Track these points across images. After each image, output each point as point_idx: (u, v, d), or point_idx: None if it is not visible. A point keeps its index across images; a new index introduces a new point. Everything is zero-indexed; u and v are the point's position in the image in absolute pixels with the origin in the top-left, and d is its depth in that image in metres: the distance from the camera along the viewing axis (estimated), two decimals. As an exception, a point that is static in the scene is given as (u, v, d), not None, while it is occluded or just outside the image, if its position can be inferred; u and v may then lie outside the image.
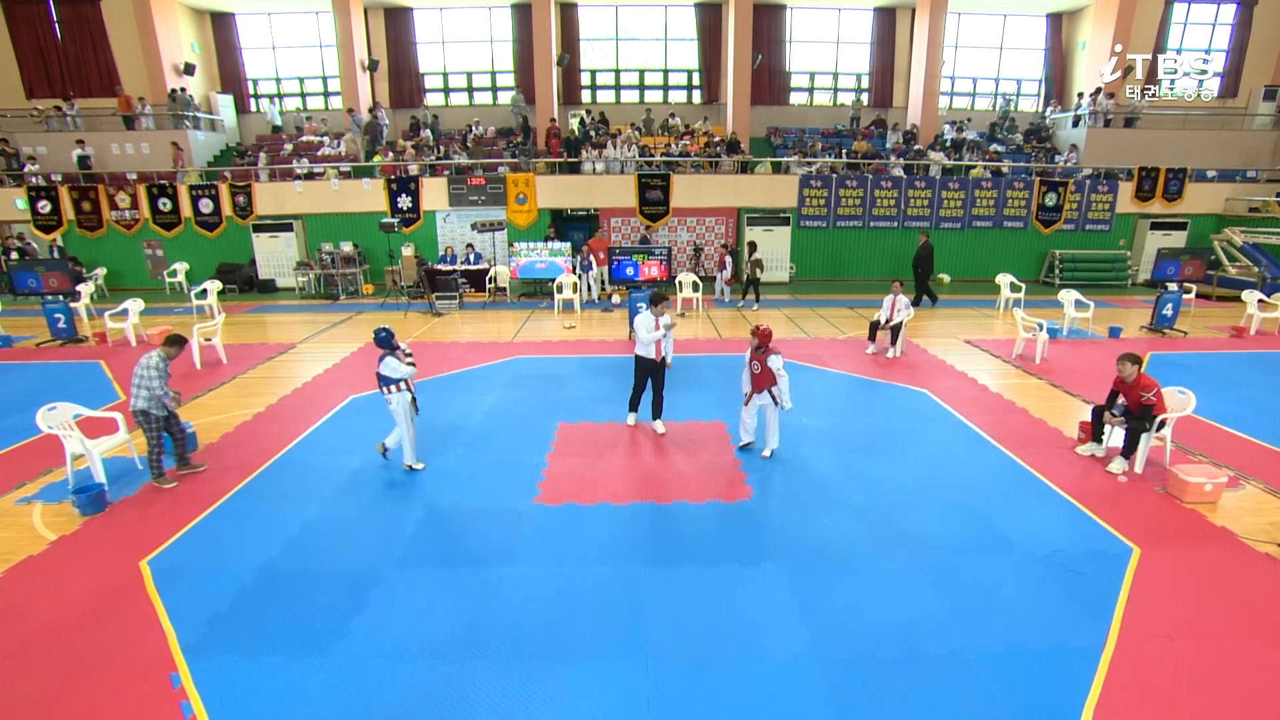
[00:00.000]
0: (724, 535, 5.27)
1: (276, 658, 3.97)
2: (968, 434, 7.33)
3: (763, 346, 6.42)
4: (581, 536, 5.22)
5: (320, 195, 17.43)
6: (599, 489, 6.00)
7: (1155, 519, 5.55)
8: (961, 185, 17.70)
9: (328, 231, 17.48)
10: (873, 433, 7.31)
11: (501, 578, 4.67)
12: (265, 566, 4.88)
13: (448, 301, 14.97)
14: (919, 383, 9.03)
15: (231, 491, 6.07)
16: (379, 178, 17.40)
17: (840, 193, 17.67)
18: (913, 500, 5.81)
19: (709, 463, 6.59)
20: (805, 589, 4.59)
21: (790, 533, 5.31)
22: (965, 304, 15.11)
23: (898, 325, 10.41)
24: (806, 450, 6.87)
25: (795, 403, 7.96)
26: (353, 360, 10.41)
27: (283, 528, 5.39)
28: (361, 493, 5.96)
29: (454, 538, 5.21)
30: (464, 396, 8.43)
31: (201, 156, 19.10)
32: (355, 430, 7.39)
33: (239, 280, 17.20)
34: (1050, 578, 4.75)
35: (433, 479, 6.21)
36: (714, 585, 4.63)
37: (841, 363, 10.01)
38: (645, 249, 15.81)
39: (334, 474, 6.32)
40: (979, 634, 4.17)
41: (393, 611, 4.37)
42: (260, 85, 21.66)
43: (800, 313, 14.02)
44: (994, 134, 20.24)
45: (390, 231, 14.81)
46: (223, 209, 17.49)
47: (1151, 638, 4.15)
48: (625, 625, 4.22)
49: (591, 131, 19.50)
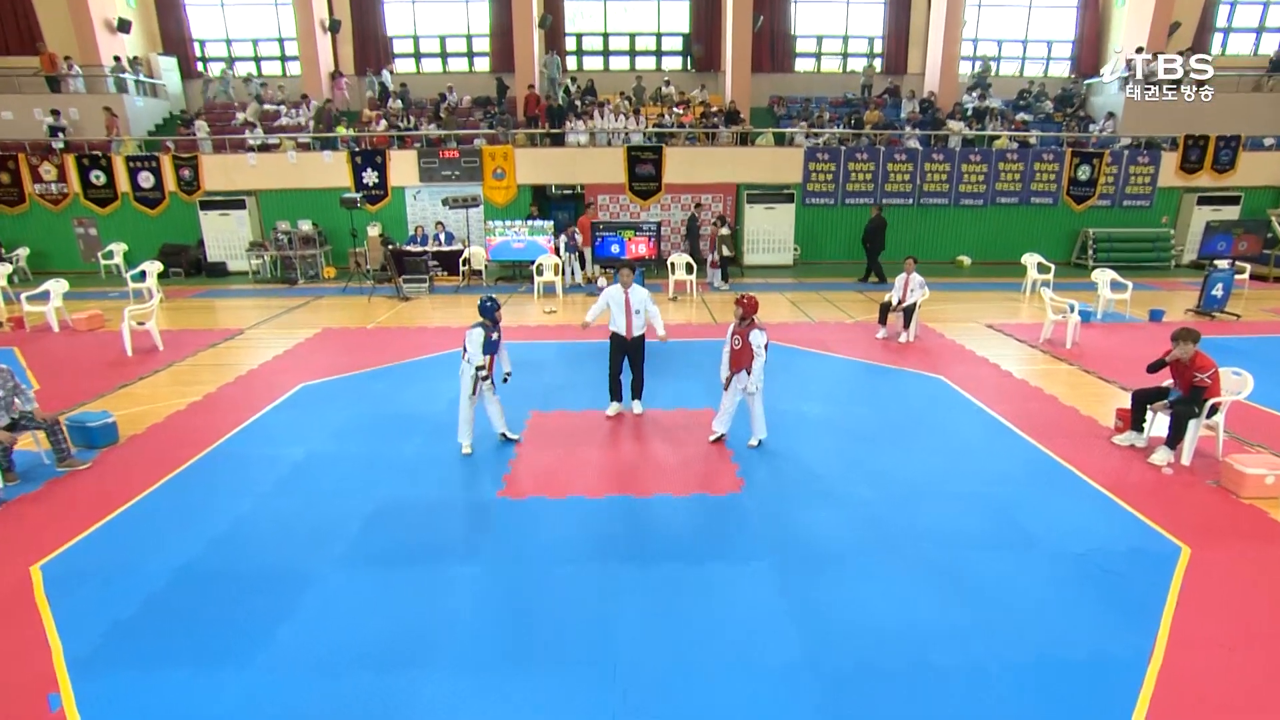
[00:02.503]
0: (709, 531, 5.14)
1: (183, 671, 3.74)
2: (989, 423, 7.23)
3: (747, 318, 6.31)
4: (549, 532, 5.11)
5: (276, 169, 17.14)
6: (571, 481, 5.92)
7: (1207, 515, 5.37)
8: (984, 158, 17.52)
9: (284, 209, 17.18)
10: (881, 422, 7.23)
11: (455, 578, 4.54)
12: (182, 568, 4.68)
13: (416, 285, 14.85)
14: (934, 368, 8.97)
15: (153, 486, 5.89)
16: (341, 150, 17.17)
17: (850, 167, 17.51)
18: (926, 494, 5.69)
19: (695, 453, 6.51)
20: (799, 590, 4.43)
21: (785, 528, 5.17)
22: (987, 287, 14.97)
23: (911, 307, 10.30)
24: (806, 440, 6.78)
25: (795, 390, 8.07)
26: (307, 346, 10.30)
27: (208, 525, 5.23)
28: (303, 487, 5.85)
29: (404, 534, 5.09)
30: (427, 384, 8.37)
31: (141, 125, 18.73)
32: (303, 420, 7.30)
33: (185, 263, 16.92)
34: (1084, 579, 4.56)
35: (385, 472, 6.11)
36: (696, 585, 4.47)
37: (848, 348, 9.98)
38: (632, 224, 15.59)
39: (273, 467, 6.20)
40: (1001, 641, 3.97)
41: (326, 616, 4.18)
42: (208, 47, 21.29)
43: (804, 297, 13.98)
44: (1021, 101, 19.98)
45: (353, 208, 14.54)
46: (165, 183, 17.14)
47: (1206, 647, 3.94)
48: (592, 629, 4.06)
49: (577, 101, 19.25)
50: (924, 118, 18.63)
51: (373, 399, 7.94)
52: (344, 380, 8.64)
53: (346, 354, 9.77)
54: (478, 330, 6.03)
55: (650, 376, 7.58)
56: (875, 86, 20.89)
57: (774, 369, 8.65)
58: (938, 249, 17.94)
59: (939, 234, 18.02)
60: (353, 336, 10.89)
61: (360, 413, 7.50)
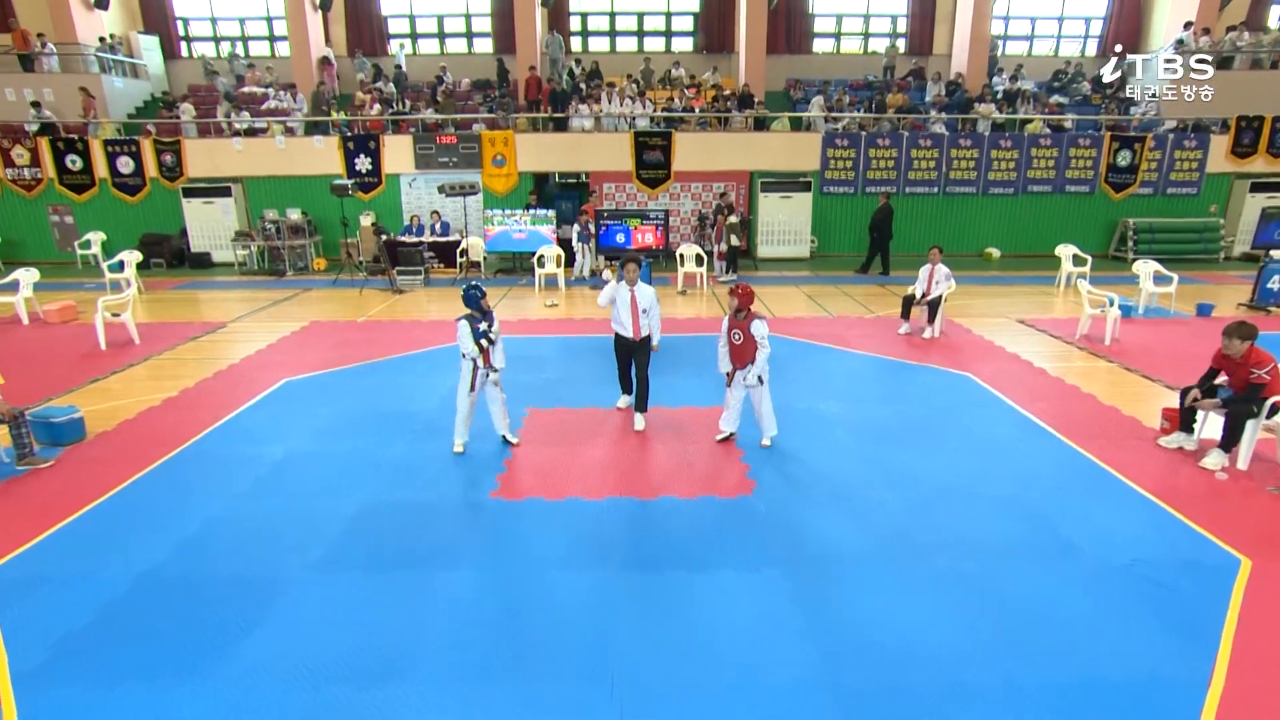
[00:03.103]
0: (718, 536, 5.01)
1: (139, 685, 3.61)
2: (1022, 423, 7.09)
3: (744, 309, 6.20)
4: (545, 536, 5.02)
5: (263, 155, 17.11)
6: (570, 482, 5.84)
7: (1270, 524, 5.17)
8: (1015, 143, 17.29)
9: (272, 197, 17.16)
10: (904, 421, 7.13)
11: (442, 584, 4.43)
12: (146, 574, 4.57)
13: (411, 277, 14.80)
14: (961, 365, 8.87)
15: (119, 486, 5.80)
16: (333, 135, 17.13)
17: (870, 153, 17.35)
18: (952, 497, 5.56)
19: (703, 453, 6.42)
20: (814, 600, 4.28)
21: (799, 534, 5.05)
22: (1018, 281, 14.81)
23: (936, 300, 10.15)
24: (822, 440, 6.67)
25: (811, 387, 8.00)
26: (293, 340, 10.25)
27: (177, 527, 5.13)
28: (282, 487, 5.78)
29: (388, 538, 5.00)
30: (418, 380, 8.35)
31: (121, 107, 18.71)
32: (285, 417, 7.25)
33: (167, 253, 16.93)
34: (1131, 592, 4.37)
35: (371, 472, 6.04)
36: (701, 594, 4.34)
37: (868, 343, 9.90)
38: (638, 212, 15.47)
39: (251, 465, 6.13)
40: (1040, 659, 3.80)
41: (299, 626, 4.06)
42: (192, 26, 21.29)
43: (821, 291, 13.87)
44: (1056, 83, 19.68)
45: (344, 196, 14.49)
46: (146, 169, 17.12)
47: (1273, 669, 3.74)
48: (589, 641, 3.93)
49: (581, 84, 19.15)
50: (951, 101, 18.43)
51: (361, 395, 7.88)
52: (331, 375, 8.59)
53: (334, 348, 9.72)
54: (463, 322, 6.00)
55: (656, 374, 7.46)
56: (898, 68, 20.73)
57: (789, 365, 8.73)
58: (965, 240, 17.75)
59: (966, 225, 17.83)
60: (342, 330, 10.83)
61: (347, 409, 7.43)
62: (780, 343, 9.78)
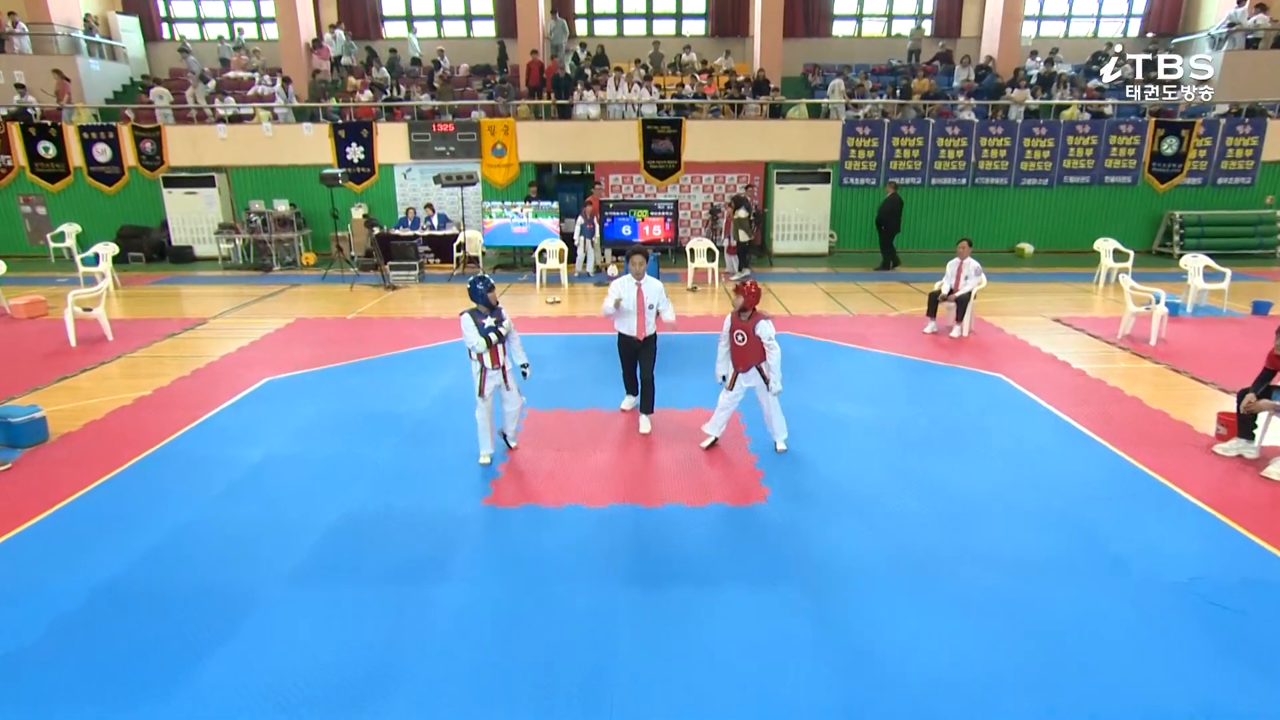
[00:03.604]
0: (729, 548, 4.90)
1: (87, 710, 3.46)
2: (1060, 427, 6.95)
3: (749, 309, 6.11)
4: (541, 547, 4.91)
5: (249, 142, 17.10)
6: (570, 488, 5.76)
7: None
8: (1050, 130, 17.08)
9: (258, 187, 17.15)
10: (931, 425, 7.02)
11: (428, 599, 4.32)
12: (105, 586, 4.44)
13: (404, 273, 14.75)
14: (993, 366, 8.76)
15: (82, 491, 5.69)
16: (323, 122, 17.10)
17: (894, 142, 17.18)
18: (986, 508, 5.41)
19: (713, 458, 6.36)
20: (835, 620, 4.14)
21: (818, 546, 4.91)
22: (1053, 278, 14.66)
23: (965, 297, 10.01)
24: (843, 445, 6.57)
25: (830, 389, 7.92)
26: (277, 337, 10.22)
27: (142, 535, 5.02)
28: (258, 492, 5.70)
29: (370, 547, 4.90)
30: (408, 379, 8.32)
31: (98, 91, 18.70)
32: (266, 417, 7.21)
33: (146, 247, 16.91)
34: (1188, 613, 4.18)
35: (354, 477, 5.95)
36: (711, 612, 4.21)
37: (892, 343, 9.81)
38: (646, 203, 15.32)
39: (226, 468, 6.06)
40: (1085, 688, 3.61)
41: (270, 641, 3.94)
42: (174, 7, 21.30)
43: (842, 288, 13.77)
44: (1095, 65, 19.43)
45: (334, 186, 14.43)
46: (125, 157, 17.09)
47: None
48: (587, 661, 3.80)
49: (586, 69, 19.07)
50: (980, 86, 18.28)
51: (347, 395, 7.83)
52: (316, 374, 8.54)
53: (321, 346, 9.68)
54: (466, 316, 5.89)
55: (664, 374, 7.38)
56: (924, 51, 20.65)
57: (806, 365, 8.67)
58: (995, 235, 17.55)
59: (997, 218, 17.65)
60: (330, 327, 10.80)
61: (332, 410, 7.37)
62: (797, 342, 9.72)
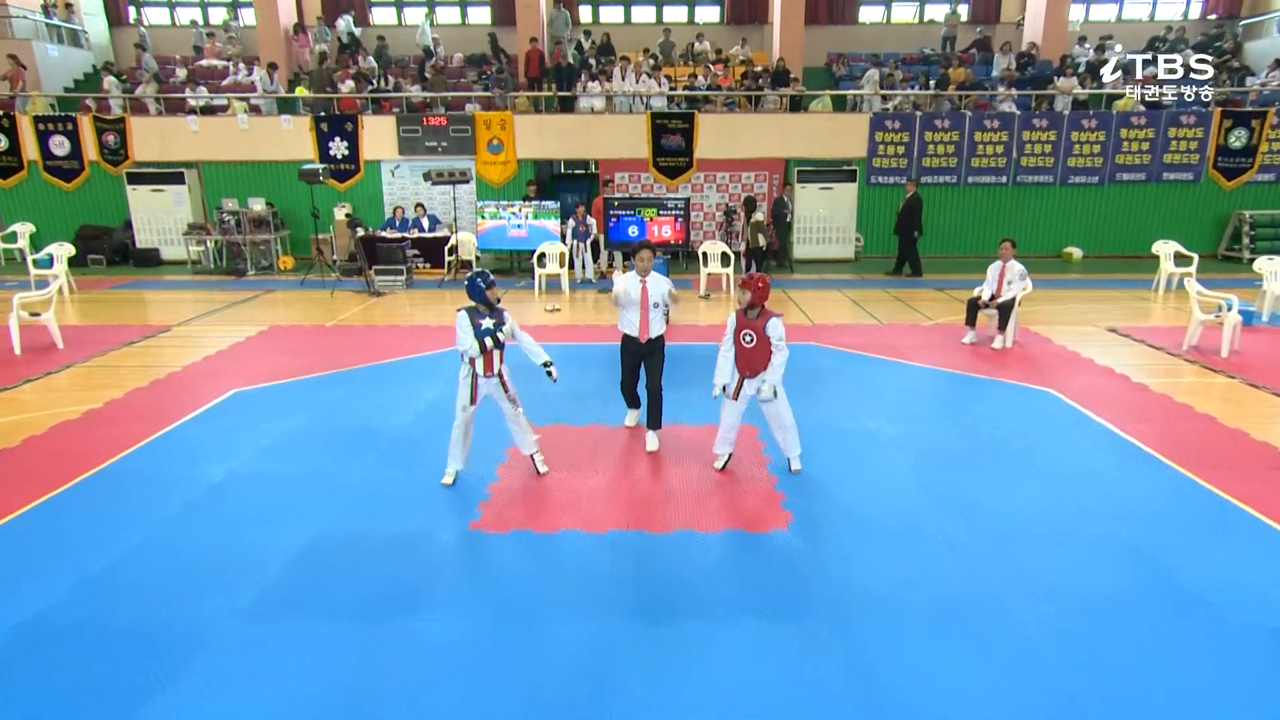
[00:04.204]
0: (745, 579, 4.76)
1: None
2: (1120, 447, 6.83)
3: (757, 305, 5.97)
4: (534, 577, 4.80)
5: (223, 136, 17.21)
6: (567, 511, 5.67)
7: None
8: (1101, 123, 17.05)
9: (232, 185, 17.25)
10: (973, 443, 6.94)
11: (403, 636, 4.19)
12: (28, 623, 4.27)
13: (391, 278, 14.77)
14: (1042, 380, 8.70)
15: (12, 515, 5.55)
16: (303, 115, 17.17)
17: (927, 137, 17.22)
18: (1038, 536, 5.26)
19: (728, 479, 6.29)
20: (868, 661, 3.99)
21: (847, 577, 4.77)
22: (1106, 284, 14.67)
23: (1008, 304, 9.92)
24: (874, 465, 6.51)
25: (860, 404, 7.92)
26: (249, 345, 10.25)
27: (79, 563, 4.89)
28: (217, 514, 5.60)
29: (340, 577, 4.77)
30: (391, 391, 8.36)
31: (56, 79, 18.81)
32: (231, 432, 7.18)
33: (108, 249, 16.98)
34: None
35: (326, 497, 5.86)
36: (725, 652, 4.07)
37: (927, 354, 9.80)
38: (654, 201, 15.27)
39: (182, 488, 5.96)
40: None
41: (218, 689, 3.76)
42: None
43: (869, 295, 13.86)
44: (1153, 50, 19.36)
45: (314, 182, 14.45)
46: (85, 151, 17.18)
47: None
48: (585, 707, 3.67)
49: (591, 59, 19.11)
50: (1023, 75, 18.26)
51: (322, 408, 7.81)
52: (289, 386, 8.53)
53: (296, 355, 9.68)
54: (462, 313, 5.84)
55: (673, 387, 7.28)
56: (960, 39, 20.76)
57: (832, 378, 8.73)
58: (1040, 238, 17.54)
59: (1041, 220, 17.65)
60: (307, 335, 10.83)
61: (304, 424, 7.34)
62: (821, 353, 9.73)
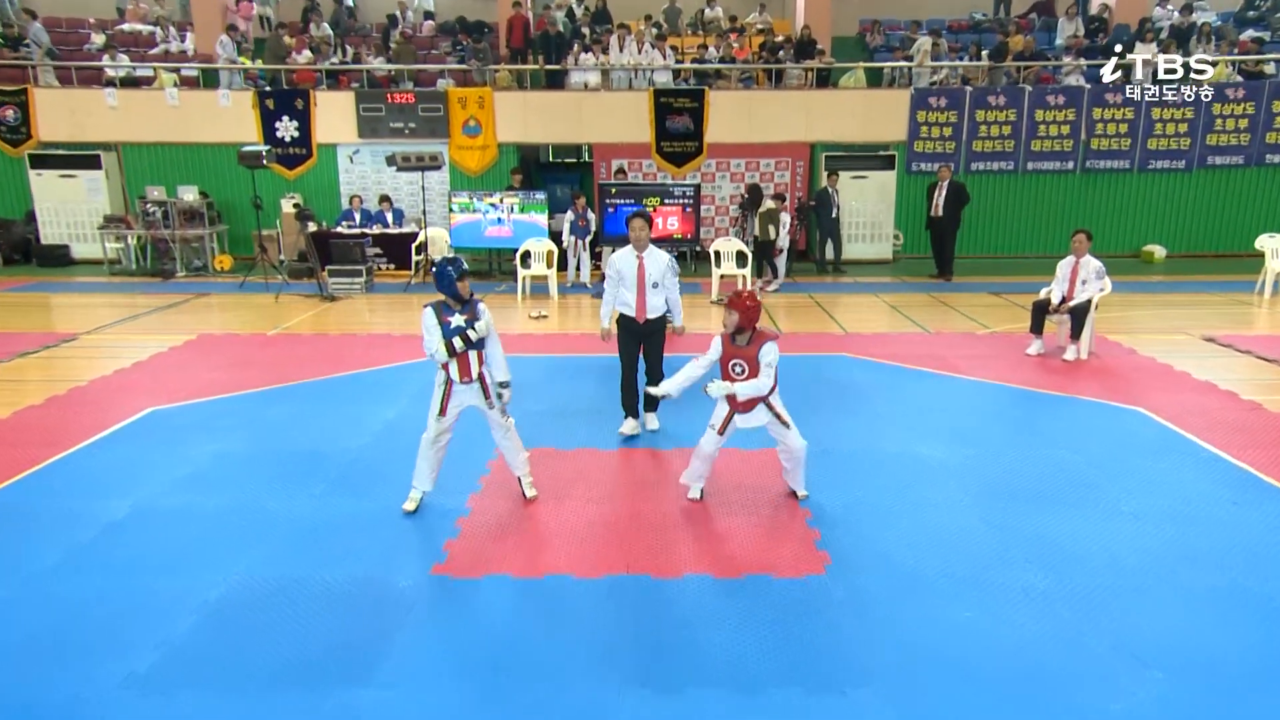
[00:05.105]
0: (775, 636, 4.58)
1: None
2: (1234, 477, 6.68)
3: (746, 329, 5.83)
4: (511, 633, 4.66)
5: (148, 113, 17.21)
6: (552, 552, 5.60)
7: None
8: (1188, 97, 16.98)
9: (159, 170, 17.30)
10: (1048, 472, 6.83)
11: (347, 711, 4.00)
12: None
13: (348, 280, 14.81)
14: (1127, 397, 8.64)
15: None
16: (246, 88, 17.21)
17: (978, 116, 17.31)
18: (1141, 587, 5.05)
19: (751, 512, 6.19)
20: None
21: (900, 635, 4.57)
22: (1196, 286, 14.73)
23: (1082, 307, 9.87)
24: (928, 496, 6.42)
25: (905, 425, 7.92)
26: (172, 357, 10.27)
27: None
28: (113, 559, 5.42)
29: (268, 637, 4.55)
30: (343, 410, 8.42)
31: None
32: (143, 458, 7.10)
33: (6, 245, 17.09)
34: None
35: (256, 536, 5.73)
36: None
37: (985, 368, 9.81)
38: (658, 188, 15.27)
39: (73, 527, 5.80)
40: None
41: None
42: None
43: (912, 300, 14.04)
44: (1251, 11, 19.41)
45: (256, 168, 14.39)
46: (-24, 130, 17.32)
47: None
48: None
49: (584, 28, 19.09)
50: (1092, 43, 18.38)
51: (259, 430, 7.80)
52: (219, 403, 8.53)
53: (230, 369, 9.72)
54: (428, 310, 5.83)
55: (679, 407, 7.24)
56: (1017, 2, 20.98)
57: (870, 396, 8.81)
58: (1114, 234, 17.57)
59: (1116, 212, 17.68)
60: (244, 345, 10.94)
61: (235, 449, 7.30)
62: (855, 365, 9.89)
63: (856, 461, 6.80)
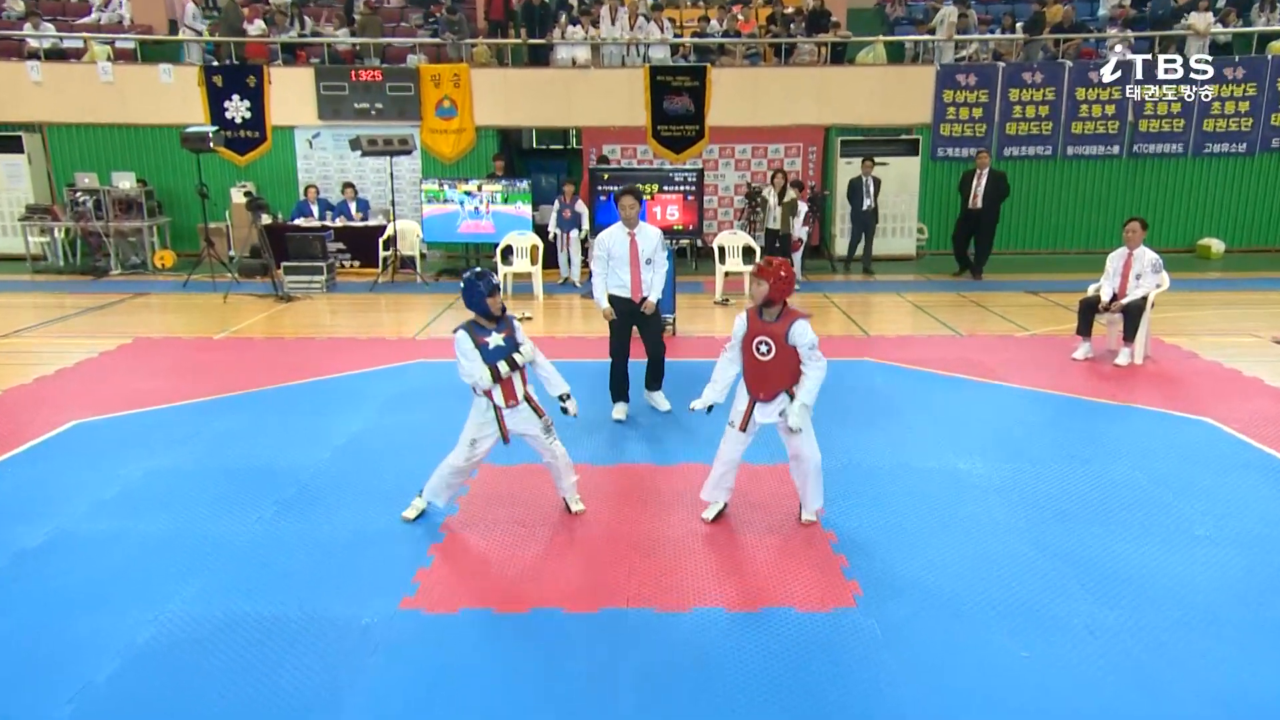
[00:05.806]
0: (800, 679, 4.46)
1: None
2: None
3: (776, 302, 5.77)
4: (491, 676, 4.54)
5: (77, 89, 17.23)
6: (540, 582, 5.52)
7: None
8: (1250, 73, 17.12)
9: (90, 155, 17.35)
10: (1103, 489, 6.80)
11: None
12: None
13: (306, 278, 14.86)
14: (1191, 406, 8.64)
15: None
16: (190, 65, 17.19)
17: (1012, 95, 17.41)
18: (1219, 619, 4.92)
19: (768, 535, 6.13)
20: None
21: (943, 677, 4.45)
22: (1262, 284, 14.93)
23: (1137, 305, 9.85)
24: (968, 517, 6.36)
25: (940, 437, 7.93)
26: (102, 364, 10.25)
27: None
28: (25, 593, 5.30)
29: (205, 683, 4.41)
30: (300, 422, 8.42)
31: None
32: (64, 476, 7.04)
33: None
34: None
35: (194, 567, 5.61)
36: None
37: (1027, 374, 9.84)
38: (656, 173, 15.25)
39: None
40: None
41: None
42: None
43: (939, 300, 14.15)
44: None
45: (202, 151, 14.32)
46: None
47: None
48: None
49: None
50: (1140, 13, 18.54)
51: (202, 445, 7.77)
52: (154, 415, 8.49)
53: (169, 376, 9.71)
54: (462, 333, 5.88)
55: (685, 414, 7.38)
56: None
57: (900, 405, 8.78)
58: (1167, 227, 17.61)
59: (1168, 203, 17.78)
60: (186, 350, 10.95)
61: (174, 466, 7.28)
62: (879, 370, 9.90)
63: (885, 478, 6.80)
